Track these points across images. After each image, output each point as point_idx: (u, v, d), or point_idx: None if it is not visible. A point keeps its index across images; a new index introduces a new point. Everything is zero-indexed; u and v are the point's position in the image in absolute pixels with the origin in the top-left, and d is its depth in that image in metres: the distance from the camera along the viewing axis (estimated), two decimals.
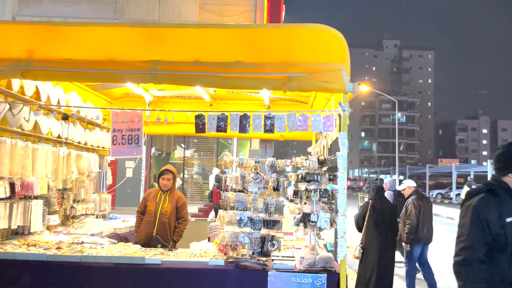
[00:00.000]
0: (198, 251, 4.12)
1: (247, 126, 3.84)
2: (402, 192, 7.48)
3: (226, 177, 4.45)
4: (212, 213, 10.97)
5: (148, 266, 3.65)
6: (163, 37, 3.91)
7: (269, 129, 3.80)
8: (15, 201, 4.27)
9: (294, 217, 3.89)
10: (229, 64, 3.73)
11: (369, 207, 6.03)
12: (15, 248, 3.93)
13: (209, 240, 5.06)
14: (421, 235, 6.70)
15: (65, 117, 4.48)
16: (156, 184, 11.46)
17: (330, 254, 3.84)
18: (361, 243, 5.98)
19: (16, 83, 4.22)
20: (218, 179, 12.27)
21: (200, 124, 3.97)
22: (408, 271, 6.89)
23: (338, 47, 3.56)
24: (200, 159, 18.59)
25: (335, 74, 3.47)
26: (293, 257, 3.90)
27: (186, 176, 17.69)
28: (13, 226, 4.28)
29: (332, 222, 3.63)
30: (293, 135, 7.35)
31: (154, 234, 4.97)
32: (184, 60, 3.78)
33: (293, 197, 4.02)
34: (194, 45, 3.82)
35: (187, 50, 3.82)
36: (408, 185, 7.27)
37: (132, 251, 4.00)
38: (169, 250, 4.23)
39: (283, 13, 13.76)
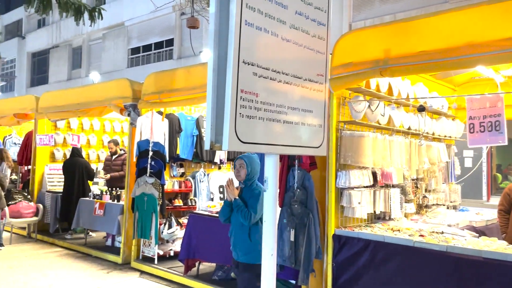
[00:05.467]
0: None
1: None
2: None
3: None
4: None
5: None
6: None
7: None
8: (377, 188, 4.74)
9: None
10: None
11: None
12: (381, 231, 4.35)
13: None
14: None
15: (421, 109, 4.61)
16: (499, 176, 10.25)
17: None
18: None
19: (373, 82, 4.66)
20: None
21: None
22: None
23: None
24: None
25: None
26: None
27: None
28: (377, 212, 4.76)
29: None
30: None
31: None
32: None
33: None
34: None
35: None
36: None
37: (501, 248, 3.67)
38: None
39: None
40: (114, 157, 8.07)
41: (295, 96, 2.11)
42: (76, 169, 8.04)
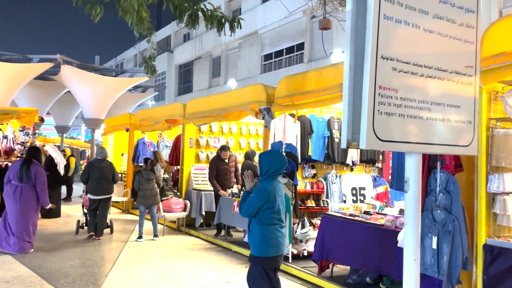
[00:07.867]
0: None
1: None
2: None
3: None
4: None
5: None
6: None
7: None
8: None
9: None
10: None
11: None
12: None
13: None
14: None
15: None
16: None
17: None
18: None
19: None
20: None
21: None
22: None
23: None
24: None
25: None
26: None
27: None
28: None
29: None
30: None
31: None
32: None
33: None
34: None
35: None
36: None
37: None
38: None
39: None
40: (227, 160, 8.68)
41: (439, 91, 1.95)
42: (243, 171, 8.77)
